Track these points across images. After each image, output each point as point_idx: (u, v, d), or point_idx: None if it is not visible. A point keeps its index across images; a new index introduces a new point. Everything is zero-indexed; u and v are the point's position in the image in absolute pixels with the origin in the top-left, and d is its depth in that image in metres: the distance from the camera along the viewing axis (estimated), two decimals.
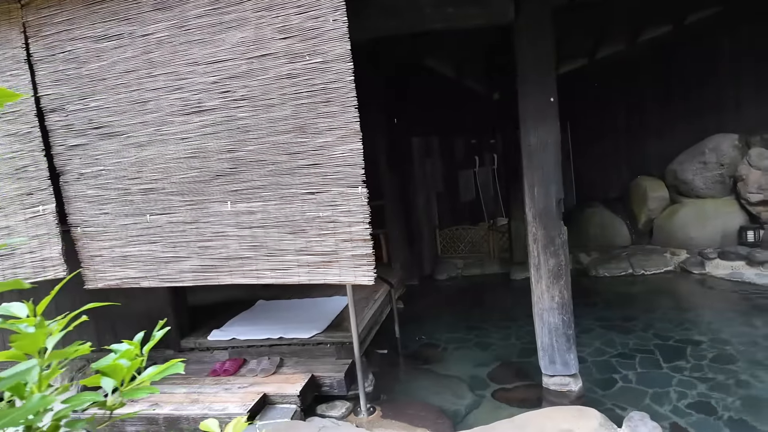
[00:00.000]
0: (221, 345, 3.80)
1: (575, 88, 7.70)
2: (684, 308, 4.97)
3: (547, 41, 3.07)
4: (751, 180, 5.81)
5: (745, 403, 3.25)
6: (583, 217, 7.45)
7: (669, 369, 3.86)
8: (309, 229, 2.47)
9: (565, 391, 3.28)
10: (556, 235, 3.18)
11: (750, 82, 6.26)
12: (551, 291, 3.23)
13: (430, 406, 3.41)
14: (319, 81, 2.39)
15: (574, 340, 3.31)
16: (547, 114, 3.09)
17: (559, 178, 3.18)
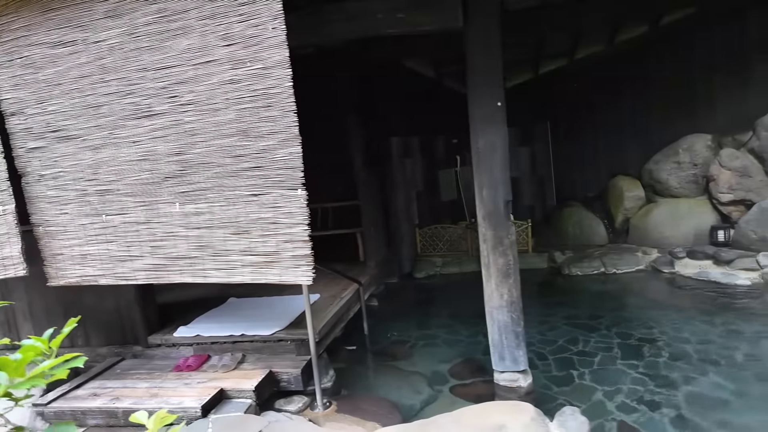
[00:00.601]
0: (186, 341, 3.91)
1: (555, 88, 7.81)
2: (649, 307, 5.05)
3: (495, 48, 3.14)
4: (722, 180, 5.87)
5: (689, 400, 3.34)
6: (562, 217, 7.54)
7: (625, 366, 3.94)
8: (252, 230, 2.57)
9: (515, 387, 3.36)
10: (505, 236, 3.26)
11: (723, 83, 6.31)
12: (500, 289, 3.32)
13: (385, 401, 3.51)
14: (260, 86, 2.48)
15: (524, 337, 3.39)
16: (495, 118, 3.16)
17: (507, 181, 3.26)
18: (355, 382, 4.05)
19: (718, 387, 3.45)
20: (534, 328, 4.97)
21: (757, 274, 5.08)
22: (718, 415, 3.13)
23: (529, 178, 8.29)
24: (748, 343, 4.01)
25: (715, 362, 3.80)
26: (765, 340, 4.01)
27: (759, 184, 5.63)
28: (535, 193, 8.28)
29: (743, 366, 3.68)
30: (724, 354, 3.90)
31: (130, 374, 3.69)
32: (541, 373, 4.05)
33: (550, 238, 7.63)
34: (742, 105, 6.08)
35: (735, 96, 6.21)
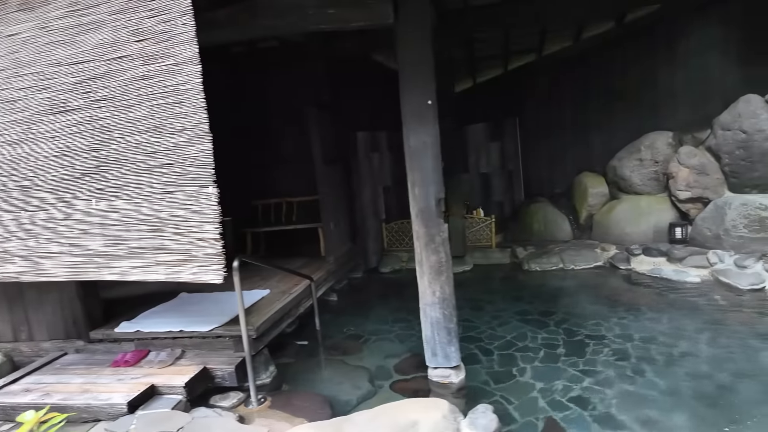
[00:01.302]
0: (128, 337, 3.90)
1: (525, 83, 7.80)
2: (601, 303, 5.09)
3: (426, 44, 3.13)
4: (680, 177, 5.91)
5: (620, 399, 3.36)
6: (528, 212, 7.57)
7: (565, 364, 3.97)
8: (165, 227, 2.56)
9: (446, 383, 3.40)
10: (436, 233, 3.27)
11: (684, 80, 6.33)
12: (433, 286, 3.34)
13: (320, 397, 3.52)
14: (171, 83, 2.46)
15: (456, 333, 3.42)
16: (426, 116, 3.16)
17: (439, 179, 3.26)
18: (299, 377, 4.06)
19: (650, 385, 3.48)
20: (486, 323, 5.02)
21: (707, 272, 5.13)
22: (644, 414, 3.15)
23: (498, 174, 8.30)
24: (687, 340, 4.05)
25: (653, 360, 3.84)
26: (703, 338, 4.05)
27: (715, 182, 5.66)
28: (504, 188, 8.30)
29: (678, 364, 3.72)
30: (663, 351, 3.94)
31: (68, 369, 3.68)
32: (483, 368, 4.08)
33: (517, 234, 7.67)
34: (703, 103, 6.10)
35: (695, 94, 6.24)
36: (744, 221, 5.26)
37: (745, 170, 5.34)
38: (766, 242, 5.15)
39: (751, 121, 5.17)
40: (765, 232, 5.14)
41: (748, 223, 5.24)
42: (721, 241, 5.43)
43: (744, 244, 5.27)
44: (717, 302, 4.68)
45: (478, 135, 8.33)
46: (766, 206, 5.17)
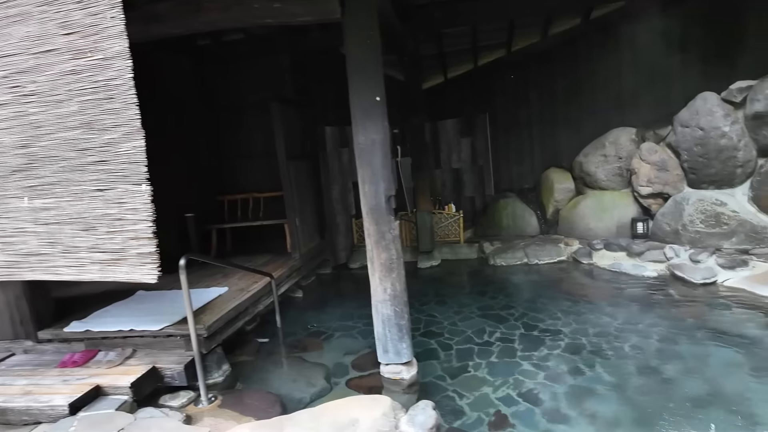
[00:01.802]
0: (77, 337, 3.82)
1: (494, 79, 7.82)
2: (561, 298, 5.15)
3: (374, 41, 3.10)
4: (642, 173, 6.00)
5: (569, 393, 3.41)
6: (497, 208, 7.62)
7: (521, 358, 4.02)
8: (99, 226, 2.50)
9: (398, 379, 3.41)
10: (387, 231, 3.26)
11: (647, 78, 6.42)
12: (383, 283, 3.33)
13: (272, 395, 3.49)
14: (101, 78, 2.39)
15: (408, 330, 3.43)
16: (374, 113, 3.14)
17: (389, 176, 3.25)
18: (255, 375, 4.03)
19: (599, 380, 3.53)
20: (449, 318, 5.05)
21: (664, 266, 5.23)
22: (591, 408, 3.20)
23: (469, 169, 8.32)
24: (638, 335, 4.12)
25: (605, 354, 3.90)
26: (654, 332, 4.12)
27: (675, 178, 5.76)
28: (475, 184, 8.33)
29: (628, 358, 3.79)
30: (615, 346, 4.00)
31: (13, 371, 3.59)
32: (440, 363, 4.11)
33: (487, 229, 7.72)
34: (664, 100, 6.20)
35: (657, 91, 6.33)
36: (701, 216, 5.37)
37: (703, 166, 5.45)
38: (721, 237, 5.27)
39: (708, 118, 5.26)
40: (720, 227, 5.26)
41: (704, 219, 5.35)
42: (680, 236, 5.54)
43: (701, 239, 5.38)
44: (671, 296, 4.78)
45: (450, 130, 8.34)
46: (721, 202, 5.28)
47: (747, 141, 5.17)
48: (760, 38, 5.46)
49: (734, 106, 5.22)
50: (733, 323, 4.06)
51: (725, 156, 5.22)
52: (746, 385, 3.20)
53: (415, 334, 4.79)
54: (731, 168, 5.26)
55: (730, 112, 5.20)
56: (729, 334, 3.88)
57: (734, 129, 5.15)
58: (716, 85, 5.49)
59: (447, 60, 7.66)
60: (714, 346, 3.76)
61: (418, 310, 5.35)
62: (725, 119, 5.17)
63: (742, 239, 5.15)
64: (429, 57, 7.47)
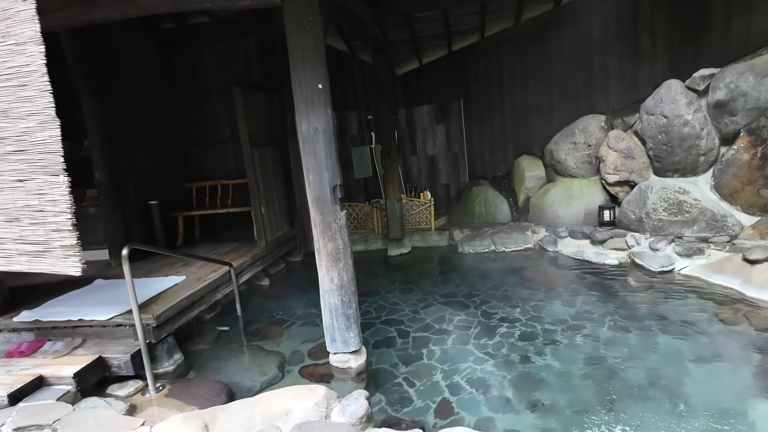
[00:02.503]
0: (26, 326, 3.79)
1: (468, 65, 7.74)
2: (522, 285, 5.18)
3: (316, 26, 3.03)
4: (609, 161, 6.00)
5: (517, 381, 3.44)
6: (470, 195, 7.61)
7: (474, 346, 4.05)
8: (22, 218, 2.45)
9: (346, 368, 3.42)
10: (333, 221, 3.23)
11: (616, 64, 6.38)
12: (330, 273, 3.32)
13: (221, 384, 3.49)
14: (14, 64, 2.32)
15: (356, 319, 3.43)
16: (316, 101, 3.08)
17: (333, 165, 3.20)
18: (210, 364, 4.03)
19: (547, 368, 3.57)
20: (412, 306, 5.07)
21: (625, 254, 5.27)
22: (534, 396, 3.23)
23: (444, 156, 8.30)
24: (593, 323, 4.15)
25: (557, 342, 3.94)
26: (608, 321, 4.16)
27: (641, 166, 5.77)
28: (450, 171, 8.31)
29: (579, 347, 3.82)
30: (567, 334, 4.04)
31: None
32: (396, 351, 4.14)
33: (461, 216, 7.72)
34: (632, 87, 6.18)
35: (626, 77, 6.30)
36: (664, 204, 5.39)
37: (667, 155, 5.45)
38: (683, 225, 5.30)
39: (671, 106, 5.25)
40: (682, 215, 5.29)
41: (667, 207, 5.37)
42: (644, 223, 5.57)
43: (663, 227, 5.41)
44: (629, 285, 4.82)
45: (425, 117, 8.28)
46: (684, 190, 5.30)
47: (710, 129, 5.17)
48: (728, 23, 5.42)
49: (698, 94, 5.21)
50: (684, 312, 4.10)
51: (688, 144, 5.23)
52: (686, 373, 3.24)
53: (376, 322, 4.82)
54: (694, 156, 5.27)
55: (693, 100, 5.19)
56: (678, 323, 3.93)
57: (697, 117, 5.14)
58: (684, 72, 5.47)
59: (420, 45, 7.54)
60: (663, 335, 3.80)
61: (383, 298, 5.37)
62: (688, 107, 5.16)
63: (703, 227, 5.19)
64: (402, 42, 7.36)
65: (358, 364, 3.43)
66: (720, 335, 3.66)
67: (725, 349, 3.46)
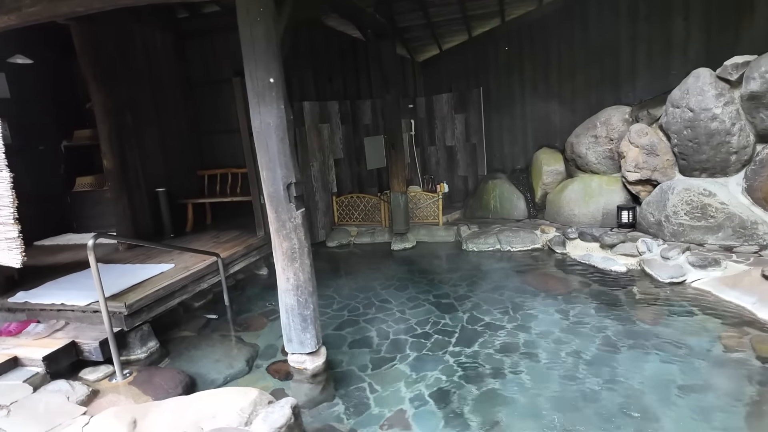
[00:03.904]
0: (19, 307, 4.02)
1: (489, 52, 7.33)
2: (520, 290, 4.87)
3: (266, 18, 2.90)
4: (630, 157, 5.47)
5: (481, 397, 3.24)
6: (486, 189, 7.27)
7: (450, 354, 3.86)
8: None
9: (302, 369, 3.36)
10: (287, 220, 3.14)
11: (646, 49, 5.77)
12: (286, 273, 3.25)
13: (182, 375, 3.54)
14: None
15: (313, 320, 3.34)
16: (268, 95, 2.98)
17: (287, 162, 3.10)
18: (186, 352, 4.11)
19: (518, 386, 3.32)
20: (401, 305, 4.93)
21: (635, 261, 4.80)
22: (494, 417, 3.03)
23: (463, 147, 7.97)
24: (582, 338, 3.83)
25: (536, 357, 3.67)
26: (600, 337, 3.81)
27: (665, 164, 5.22)
28: (468, 162, 7.98)
29: (558, 364, 3.53)
30: (551, 349, 3.75)
31: None
32: (371, 353, 4.04)
33: (475, 211, 7.41)
34: (663, 75, 5.57)
35: (657, 66, 5.69)
36: (686, 208, 4.86)
37: (693, 152, 4.89)
38: (707, 231, 4.76)
39: (698, 98, 4.67)
40: (706, 220, 4.75)
41: (689, 210, 4.84)
42: (663, 227, 5.06)
43: (684, 233, 4.89)
44: (633, 296, 4.40)
45: (444, 106, 7.98)
46: (710, 192, 4.74)
47: (743, 125, 4.57)
48: None
49: (730, 85, 4.60)
50: (685, 332, 3.68)
51: (716, 141, 4.65)
52: (667, 405, 2.90)
53: (361, 320, 4.73)
54: (724, 155, 4.69)
55: (724, 92, 4.59)
56: (675, 345, 3.53)
57: (727, 111, 4.55)
58: (721, 60, 4.84)
59: (437, 30, 7.22)
60: (655, 357, 3.43)
61: (375, 294, 5.26)
62: (717, 100, 4.57)
63: (729, 234, 4.63)
64: (418, 27, 7.07)
65: (315, 365, 3.36)
66: (718, 363, 3.25)
67: (719, 380, 3.06)
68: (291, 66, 6.64)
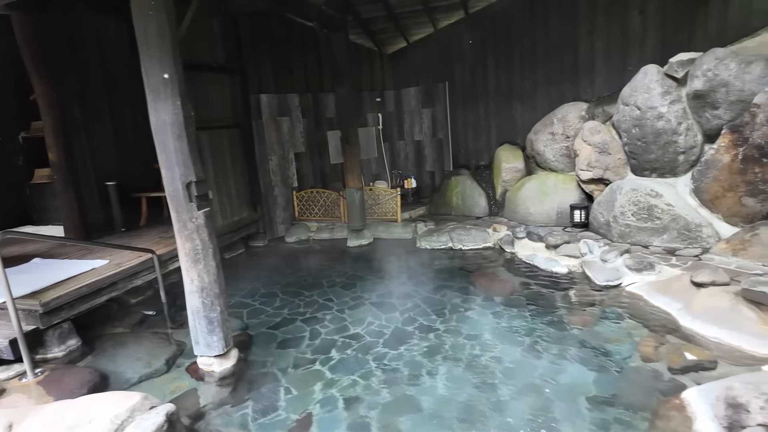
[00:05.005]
0: None
1: (453, 45, 7.18)
2: (461, 291, 4.78)
3: (158, 12, 2.80)
4: (583, 156, 5.34)
5: (392, 403, 3.17)
6: (449, 186, 7.16)
7: (374, 356, 3.79)
8: None
9: (210, 371, 3.30)
10: (188, 220, 3.07)
11: (604, 45, 5.60)
12: (190, 274, 3.18)
13: (92, 374, 3.48)
14: None
15: (220, 322, 3.28)
16: (163, 92, 2.88)
17: (186, 161, 3.01)
18: (111, 349, 4.04)
19: (431, 391, 3.26)
20: (343, 304, 4.86)
21: (577, 262, 4.69)
22: (397, 424, 2.96)
23: (430, 142, 7.84)
24: (509, 343, 3.72)
25: (458, 361, 3.60)
26: (528, 342, 3.71)
27: (617, 163, 5.08)
28: (435, 158, 7.86)
29: (477, 370, 3.44)
30: (474, 353, 3.66)
31: None
32: (298, 353, 3.97)
33: (439, 207, 7.31)
34: (621, 72, 5.41)
35: (614, 61, 5.52)
36: (633, 208, 4.74)
37: (642, 151, 4.75)
38: (653, 233, 4.64)
39: (644, 96, 4.52)
40: (652, 221, 4.62)
41: (636, 211, 4.72)
42: (611, 228, 4.95)
43: (631, 234, 4.78)
44: (569, 299, 4.30)
45: (412, 99, 7.84)
46: (657, 193, 4.61)
47: (690, 124, 4.42)
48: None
49: (677, 83, 4.44)
50: (609, 339, 3.59)
51: (663, 140, 4.51)
52: (572, 417, 2.82)
53: (298, 319, 4.66)
54: (672, 155, 4.55)
55: (670, 90, 4.43)
56: (597, 353, 3.44)
57: (673, 110, 4.40)
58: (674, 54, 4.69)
59: (401, 22, 7.05)
60: (574, 365, 3.35)
61: (321, 293, 5.18)
62: (663, 98, 4.42)
63: (674, 237, 4.51)
64: (381, 19, 6.92)
65: (223, 368, 3.30)
66: (633, 373, 3.15)
67: (628, 392, 2.97)
68: (248, 58, 6.52)
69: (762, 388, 1.95)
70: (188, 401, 3.42)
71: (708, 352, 3.02)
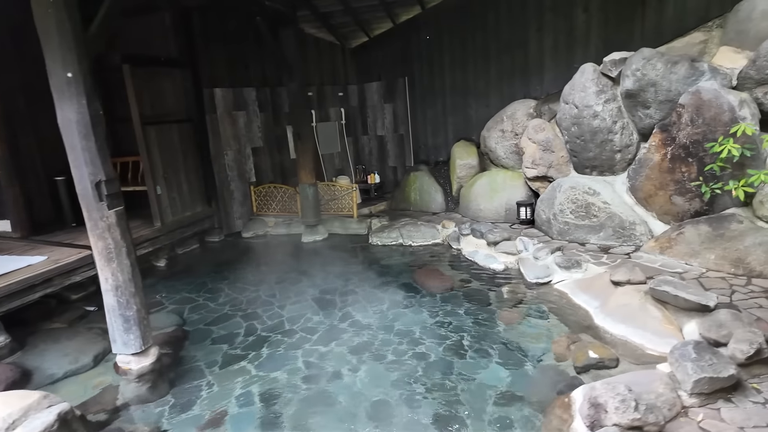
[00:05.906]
0: None
1: (411, 40, 7.15)
2: (404, 287, 4.82)
3: (58, 10, 2.76)
4: (528, 153, 5.37)
5: (308, 400, 3.23)
6: (408, 182, 7.18)
7: (303, 353, 3.85)
8: None
9: (127, 369, 3.31)
10: (99, 219, 3.05)
11: (552, 43, 5.61)
12: (104, 273, 3.16)
13: (13, 372, 3.50)
14: None
15: (137, 321, 3.26)
16: (67, 90, 2.85)
17: (94, 159, 2.98)
18: (42, 345, 4.02)
19: (348, 388, 3.32)
20: (285, 300, 4.88)
21: (514, 259, 4.73)
22: (308, 421, 3.02)
23: (392, 138, 7.84)
24: (436, 340, 3.81)
25: (382, 358, 3.67)
26: (454, 339, 3.77)
27: (560, 161, 5.11)
28: (397, 153, 7.86)
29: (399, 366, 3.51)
30: (400, 350, 3.75)
31: None
32: (230, 349, 4.01)
33: (399, 203, 7.32)
34: (568, 69, 5.41)
35: (561, 59, 5.54)
36: (571, 206, 4.78)
37: (581, 149, 4.79)
38: (590, 231, 4.69)
39: (581, 94, 4.55)
40: (590, 219, 4.67)
41: (575, 209, 4.76)
42: (551, 225, 4.99)
43: (569, 231, 4.82)
44: (502, 296, 4.34)
45: (374, 94, 7.82)
46: (594, 191, 4.65)
47: (625, 123, 4.45)
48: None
49: (613, 82, 4.47)
50: (531, 337, 3.66)
51: (600, 139, 4.55)
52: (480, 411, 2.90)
53: (238, 314, 4.68)
54: (609, 153, 4.59)
55: (606, 89, 4.46)
56: (516, 352, 3.51)
57: (608, 108, 4.43)
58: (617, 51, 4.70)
59: (360, 17, 7.00)
60: (492, 363, 3.42)
61: (266, 289, 5.19)
62: (598, 97, 4.45)
63: (609, 234, 4.56)
64: (339, 13, 6.87)
65: (140, 366, 3.29)
66: (543, 372, 3.21)
67: (536, 391, 3.02)
68: (201, 52, 6.45)
69: (618, 389, 1.99)
70: (107, 397, 3.45)
71: (612, 351, 3.07)
